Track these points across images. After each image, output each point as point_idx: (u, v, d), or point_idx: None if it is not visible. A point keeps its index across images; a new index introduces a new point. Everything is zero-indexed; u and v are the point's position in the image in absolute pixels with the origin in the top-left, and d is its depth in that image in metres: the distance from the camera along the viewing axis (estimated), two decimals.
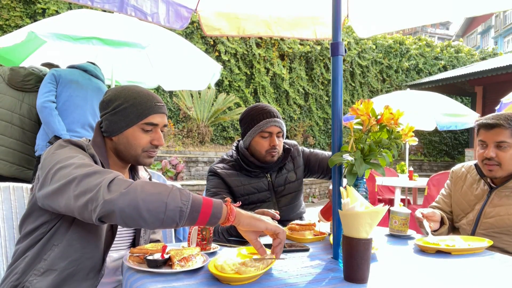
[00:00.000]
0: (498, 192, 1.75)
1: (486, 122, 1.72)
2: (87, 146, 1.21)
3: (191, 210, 0.99)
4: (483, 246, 1.46)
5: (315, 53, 10.17)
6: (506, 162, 1.68)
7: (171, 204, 0.97)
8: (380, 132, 1.24)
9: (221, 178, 1.85)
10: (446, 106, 6.22)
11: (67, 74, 2.96)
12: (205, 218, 1.01)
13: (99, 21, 3.15)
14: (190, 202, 0.99)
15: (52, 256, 1.15)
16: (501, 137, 1.68)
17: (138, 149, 1.29)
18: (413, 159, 11.19)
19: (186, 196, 0.99)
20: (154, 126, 1.30)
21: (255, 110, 1.84)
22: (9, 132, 2.85)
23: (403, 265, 1.27)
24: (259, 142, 1.82)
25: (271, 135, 1.81)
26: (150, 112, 1.28)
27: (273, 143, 1.80)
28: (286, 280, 1.07)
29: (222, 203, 1.04)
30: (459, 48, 13.27)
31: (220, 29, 2.20)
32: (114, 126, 1.28)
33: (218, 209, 1.02)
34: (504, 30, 29.53)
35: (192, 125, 8.56)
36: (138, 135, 1.28)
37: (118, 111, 1.27)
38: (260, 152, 1.83)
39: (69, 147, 1.18)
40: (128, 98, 1.27)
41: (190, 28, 8.59)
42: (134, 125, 1.27)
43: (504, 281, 1.15)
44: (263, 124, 1.79)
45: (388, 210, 1.16)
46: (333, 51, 1.39)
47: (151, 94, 1.32)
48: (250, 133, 1.83)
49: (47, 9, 7.05)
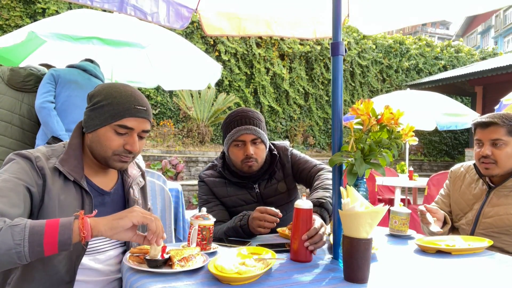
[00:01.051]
0: (497, 191, 1.74)
1: (481, 121, 1.74)
2: (36, 158, 1.16)
3: (31, 246, 0.94)
4: (483, 246, 1.46)
5: (315, 53, 10.17)
6: (502, 159, 1.69)
7: (2, 248, 0.92)
8: (380, 132, 1.24)
9: (209, 187, 1.78)
10: (446, 106, 6.22)
11: (66, 74, 2.95)
12: (53, 247, 0.97)
13: (99, 21, 3.15)
14: (26, 239, 0.94)
15: (15, 280, 1.13)
16: (496, 135, 1.69)
17: (108, 151, 1.23)
18: (413, 159, 11.18)
19: (19, 233, 0.94)
20: (128, 129, 1.23)
21: (229, 118, 1.74)
22: (9, 132, 2.85)
23: (403, 265, 1.27)
24: (233, 152, 1.71)
25: (245, 143, 1.68)
26: (125, 114, 1.21)
27: (247, 152, 1.67)
28: (286, 280, 1.07)
29: (70, 223, 0.99)
30: (459, 48, 13.26)
31: (221, 29, 2.20)
32: (90, 122, 1.24)
33: (65, 233, 0.97)
34: (504, 30, 29.52)
35: (192, 125, 8.56)
36: (110, 136, 1.22)
37: (96, 107, 1.23)
38: (236, 163, 1.72)
39: (14, 162, 1.15)
40: (108, 96, 1.23)
41: (190, 28, 8.59)
42: (107, 125, 1.22)
43: (504, 281, 1.15)
44: (234, 133, 1.69)
45: (388, 210, 1.17)
46: (333, 51, 1.39)
47: (134, 96, 1.25)
48: (225, 142, 1.74)
49: (47, 9, 7.05)
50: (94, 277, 1.26)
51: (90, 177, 1.29)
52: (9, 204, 1.04)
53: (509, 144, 1.69)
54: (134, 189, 1.41)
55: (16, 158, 1.16)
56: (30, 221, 0.99)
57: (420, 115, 5.94)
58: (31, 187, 1.13)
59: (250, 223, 1.49)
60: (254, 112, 1.76)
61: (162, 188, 2.11)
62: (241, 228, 1.52)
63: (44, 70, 3.08)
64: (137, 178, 1.45)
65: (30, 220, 0.99)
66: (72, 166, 1.22)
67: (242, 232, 1.52)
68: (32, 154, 1.17)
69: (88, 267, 1.25)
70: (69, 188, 1.20)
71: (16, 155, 1.17)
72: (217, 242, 1.41)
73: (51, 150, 1.25)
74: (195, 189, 6.86)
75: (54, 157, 1.22)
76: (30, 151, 1.19)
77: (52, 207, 1.15)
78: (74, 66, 3.07)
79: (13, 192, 1.07)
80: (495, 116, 1.72)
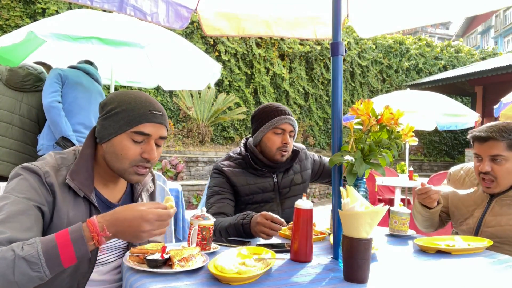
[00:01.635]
0: (499, 200, 1.68)
1: (479, 135, 1.65)
2: (45, 174, 1.10)
3: (51, 269, 0.94)
4: (483, 246, 1.46)
5: (315, 53, 10.17)
6: (502, 176, 1.61)
7: (23, 280, 0.91)
8: (380, 132, 1.24)
9: (226, 176, 1.82)
10: (446, 106, 6.22)
11: (73, 75, 2.96)
12: (72, 259, 0.96)
13: (99, 21, 3.15)
14: (44, 265, 0.92)
15: None
16: (495, 151, 1.60)
17: (125, 162, 1.16)
18: (413, 159, 11.18)
19: (35, 263, 0.91)
20: (145, 136, 1.17)
21: (269, 107, 1.84)
22: (9, 133, 2.85)
23: (403, 265, 1.27)
24: (271, 138, 1.80)
25: (284, 132, 1.80)
26: (142, 120, 1.15)
27: (285, 141, 1.78)
28: (286, 280, 1.06)
29: (80, 230, 0.97)
30: (459, 48, 13.26)
31: (220, 29, 2.20)
32: (104, 131, 1.18)
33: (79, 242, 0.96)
34: (504, 30, 29.52)
35: (192, 125, 8.56)
36: (126, 145, 1.16)
37: (109, 115, 1.17)
38: (271, 149, 1.81)
39: (22, 178, 1.09)
40: (121, 103, 1.17)
41: (190, 28, 8.59)
42: (123, 133, 1.15)
43: (504, 281, 1.15)
44: (278, 120, 1.78)
45: (388, 210, 1.16)
46: (333, 51, 1.39)
47: (149, 101, 1.20)
48: (263, 128, 1.81)
49: (47, 9, 7.05)
50: (96, 286, 1.25)
51: (100, 188, 1.24)
52: (21, 229, 1.00)
53: (509, 160, 1.60)
54: (143, 198, 1.37)
55: (24, 173, 1.10)
56: (41, 244, 0.95)
57: (420, 115, 5.94)
58: (42, 206, 1.08)
59: (253, 225, 1.48)
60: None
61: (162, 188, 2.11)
62: (242, 227, 1.52)
63: (40, 69, 3.07)
64: (148, 184, 1.40)
65: (39, 243, 0.95)
66: (83, 178, 1.16)
67: (242, 231, 1.52)
68: (40, 169, 1.11)
69: (91, 279, 1.23)
70: (78, 203, 1.16)
71: (23, 169, 1.11)
72: (217, 242, 1.41)
73: (61, 159, 1.19)
74: (195, 189, 6.86)
75: (64, 167, 1.17)
76: (38, 164, 1.12)
77: (61, 224, 1.11)
78: (77, 67, 3.07)
79: (24, 215, 1.02)
80: (493, 130, 1.61)
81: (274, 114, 1.80)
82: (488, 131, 1.62)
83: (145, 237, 1.02)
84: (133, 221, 1.00)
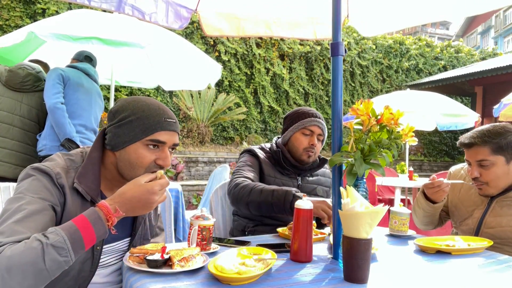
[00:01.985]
0: (499, 201, 1.67)
1: (463, 142, 1.67)
2: (57, 175, 1.11)
3: (76, 252, 0.98)
4: (483, 246, 1.46)
5: (315, 53, 10.17)
6: (492, 180, 1.61)
7: (53, 266, 0.94)
8: (380, 132, 1.24)
9: (259, 161, 1.88)
10: (446, 106, 6.23)
11: (75, 76, 2.96)
12: (93, 240, 1.02)
13: (99, 21, 3.15)
14: (71, 251, 0.97)
15: None
16: (480, 156, 1.60)
17: (140, 170, 1.17)
18: (413, 159, 11.18)
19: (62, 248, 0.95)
20: (161, 144, 1.18)
21: (301, 110, 1.92)
22: (10, 134, 2.85)
23: (403, 265, 1.27)
24: (298, 138, 1.86)
25: (312, 134, 1.85)
26: (157, 128, 1.17)
27: (312, 142, 1.84)
28: (286, 280, 1.07)
29: (96, 212, 1.03)
30: (459, 48, 13.26)
31: (220, 29, 2.20)
32: (117, 139, 1.18)
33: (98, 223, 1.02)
34: (504, 30, 29.53)
35: (192, 125, 8.56)
36: (142, 153, 1.17)
37: (123, 123, 1.17)
38: (298, 149, 1.86)
39: (34, 178, 1.10)
40: (135, 111, 1.17)
41: (190, 28, 8.59)
42: (138, 141, 1.16)
43: (504, 281, 1.15)
44: (307, 121, 1.85)
45: (388, 210, 1.17)
46: (333, 51, 1.39)
47: (163, 108, 1.21)
48: (292, 128, 1.88)
49: (47, 9, 7.05)
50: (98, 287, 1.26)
51: (106, 191, 1.25)
52: (38, 229, 1.02)
53: (496, 164, 1.59)
54: None
55: (36, 174, 1.11)
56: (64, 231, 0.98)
57: (420, 115, 5.94)
58: (56, 206, 1.10)
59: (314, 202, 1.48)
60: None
61: None
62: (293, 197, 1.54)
63: (38, 68, 3.05)
64: None
65: (62, 230, 0.99)
66: (90, 182, 1.17)
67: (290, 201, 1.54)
68: (52, 170, 1.12)
69: (93, 282, 1.23)
70: (85, 206, 1.16)
71: (35, 170, 1.12)
72: (217, 242, 1.41)
73: (69, 161, 1.19)
74: (195, 189, 6.86)
75: (72, 169, 1.17)
76: (48, 165, 1.13)
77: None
78: (77, 67, 3.05)
79: (40, 215, 1.04)
80: (476, 136, 1.62)
81: (305, 115, 1.87)
82: (471, 137, 1.63)
83: (154, 207, 1.12)
84: (142, 197, 1.09)
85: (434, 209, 1.76)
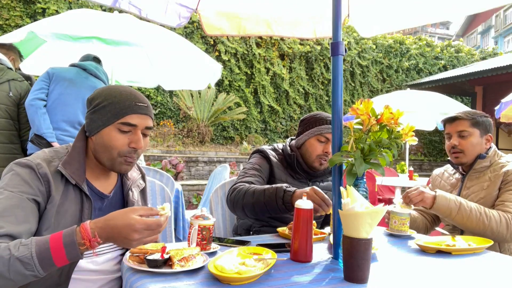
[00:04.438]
0: (470, 176, 1.95)
1: (448, 117, 2.00)
2: (37, 165, 1.14)
3: (44, 269, 0.99)
4: (483, 246, 1.46)
5: (315, 53, 10.16)
6: (469, 148, 1.91)
7: (18, 277, 0.97)
8: (380, 132, 1.24)
9: (270, 164, 1.84)
10: (446, 106, 6.22)
11: (61, 72, 2.90)
12: (64, 261, 1.01)
13: (99, 21, 3.15)
14: (37, 266, 0.97)
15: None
16: (461, 127, 1.92)
17: (114, 151, 1.22)
18: (413, 159, 11.18)
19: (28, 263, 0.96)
20: (132, 127, 1.23)
21: (320, 115, 1.86)
22: None
23: (403, 265, 1.27)
24: (313, 144, 1.81)
25: (328, 142, 1.80)
26: (128, 111, 1.22)
27: (327, 150, 1.79)
28: (286, 280, 1.06)
29: (73, 234, 1.01)
30: (459, 48, 13.24)
31: (221, 29, 2.19)
32: (92, 124, 1.24)
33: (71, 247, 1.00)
34: (504, 30, 29.51)
35: (192, 125, 8.56)
36: (114, 136, 1.22)
37: (97, 109, 1.23)
38: (311, 155, 1.81)
39: (13, 173, 1.13)
40: (108, 97, 1.24)
41: (190, 28, 8.59)
42: (110, 125, 1.22)
43: (504, 281, 1.15)
44: (324, 128, 1.80)
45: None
46: (333, 51, 1.39)
47: (134, 94, 1.26)
48: (308, 133, 1.83)
49: (47, 9, 7.05)
50: (91, 276, 1.26)
51: (91, 180, 1.28)
52: (17, 222, 1.05)
53: (473, 135, 1.91)
54: (134, 192, 1.40)
55: (16, 168, 1.14)
56: (35, 246, 0.99)
57: (420, 115, 5.94)
58: (36, 197, 1.12)
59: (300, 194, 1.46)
60: None
61: (162, 187, 2.11)
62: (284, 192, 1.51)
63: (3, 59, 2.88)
64: (137, 181, 1.45)
65: (34, 244, 0.99)
66: (75, 169, 1.21)
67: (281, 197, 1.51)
68: (32, 161, 1.15)
69: (86, 269, 1.25)
70: (69, 192, 1.20)
71: (15, 165, 1.15)
72: (217, 242, 1.41)
73: (54, 152, 1.24)
74: (195, 189, 6.86)
75: (57, 159, 1.21)
76: (29, 158, 1.17)
77: (52, 212, 1.15)
78: (75, 64, 3.03)
79: (19, 209, 1.07)
80: (459, 112, 1.96)
81: (323, 122, 1.82)
82: (455, 114, 1.98)
83: (135, 245, 1.06)
84: (122, 230, 1.03)
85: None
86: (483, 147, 1.92)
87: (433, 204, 1.72)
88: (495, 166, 1.89)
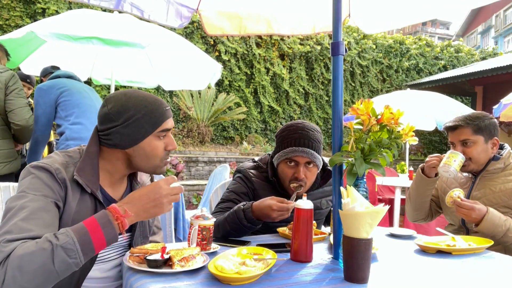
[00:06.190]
0: (482, 177, 1.88)
1: (449, 125, 1.91)
2: (56, 170, 1.13)
3: (85, 255, 1.00)
4: (483, 246, 1.46)
5: (315, 53, 10.16)
6: (474, 157, 1.83)
7: (62, 267, 0.97)
8: (380, 132, 1.24)
9: (254, 188, 1.71)
10: (446, 106, 6.22)
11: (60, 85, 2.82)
12: (103, 243, 1.03)
13: (99, 21, 3.15)
14: (79, 250, 0.99)
15: None
16: (463, 136, 1.84)
17: (157, 159, 1.25)
18: (413, 159, 11.17)
19: (71, 247, 0.97)
20: (168, 131, 1.27)
21: (287, 131, 1.66)
22: None
23: (403, 265, 1.27)
24: (283, 169, 1.65)
25: (297, 164, 1.62)
26: (163, 118, 1.24)
27: (297, 175, 1.60)
28: (286, 280, 1.06)
29: (106, 215, 1.05)
30: (459, 48, 13.24)
31: (222, 29, 2.19)
32: (128, 138, 1.21)
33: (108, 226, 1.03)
34: (504, 30, 29.51)
35: (192, 125, 8.56)
36: (155, 144, 1.24)
37: (130, 122, 1.20)
38: (284, 181, 1.66)
39: (33, 176, 1.11)
40: (138, 108, 1.21)
41: (190, 28, 8.59)
42: (150, 135, 1.23)
43: (504, 281, 1.15)
44: (289, 151, 1.61)
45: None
46: (333, 51, 1.39)
47: (158, 99, 1.27)
48: (277, 156, 1.67)
49: (47, 9, 7.05)
50: (98, 284, 1.26)
51: (104, 186, 1.27)
52: (44, 225, 1.04)
53: (477, 142, 1.83)
54: None
55: (35, 171, 1.12)
56: (74, 232, 1.00)
57: (420, 115, 5.94)
58: (58, 201, 1.12)
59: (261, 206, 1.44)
60: (315, 132, 1.66)
61: None
62: (244, 212, 1.46)
63: None
64: (146, 182, 1.45)
65: (71, 231, 1.01)
66: (89, 175, 1.19)
67: (243, 217, 1.46)
68: (51, 166, 1.14)
69: (93, 277, 1.24)
70: (85, 199, 1.18)
71: (33, 168, 1.13)
72: (217, 242, 1.41)
73: (68, 157, 1.22)
74: (195, 189, 6.86)
75: (72, 164, 1.20)
76: (47, 162, 1.15)
77: (67, 219, 1.14)
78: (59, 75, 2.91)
79: (44, 212, 1.06)
80: (459, 119, 1.87)
81: (288, 143, 1.62)
82: (455, 121, 1.88)
83: (165, 203, 1.13)
84: (149, 192, 1.11)
85: (427, 184, 1.92)
86: (489, 152, 1.84)
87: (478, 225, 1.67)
88: (510, 169, 1.82)
